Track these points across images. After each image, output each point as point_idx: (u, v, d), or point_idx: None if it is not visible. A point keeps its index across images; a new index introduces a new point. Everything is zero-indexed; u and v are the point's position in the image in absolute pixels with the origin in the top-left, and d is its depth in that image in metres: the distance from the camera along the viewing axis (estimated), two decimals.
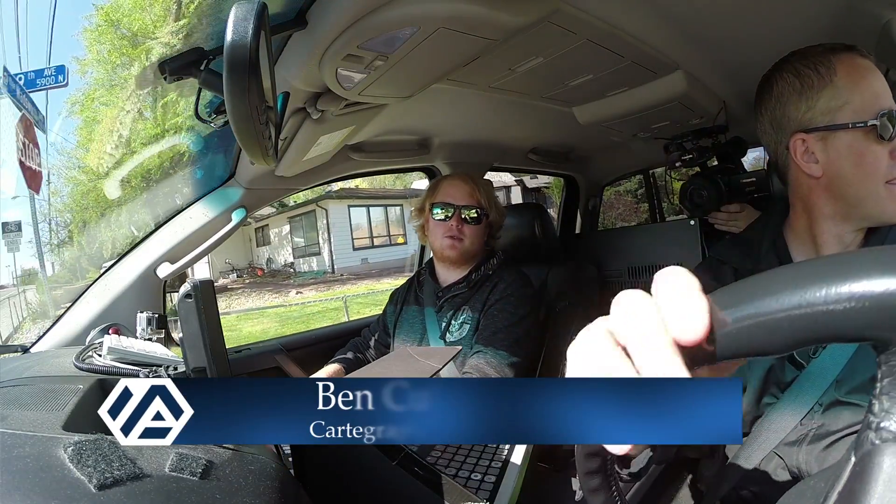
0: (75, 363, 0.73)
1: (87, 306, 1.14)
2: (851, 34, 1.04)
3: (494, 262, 1.39)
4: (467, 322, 1.30)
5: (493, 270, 1.37)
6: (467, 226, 1.35)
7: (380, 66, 0.87)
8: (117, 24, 0.90)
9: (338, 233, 13.85)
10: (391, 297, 1.54)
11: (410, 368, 0.83)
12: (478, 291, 1.34)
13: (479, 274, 1.36)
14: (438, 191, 1.39)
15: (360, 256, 14.06)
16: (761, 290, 0.27)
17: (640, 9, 0.98)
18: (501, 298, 1.29)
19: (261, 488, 0.42)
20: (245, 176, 1.24)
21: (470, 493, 0.62)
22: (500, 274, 1.35)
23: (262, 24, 0.52)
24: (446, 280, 1.40)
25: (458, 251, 1.35)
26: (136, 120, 1.17)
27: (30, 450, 0.38)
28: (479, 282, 1.35)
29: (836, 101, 0.73)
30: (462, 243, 1.35)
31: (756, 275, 0.28)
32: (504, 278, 1.33)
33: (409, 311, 1.42)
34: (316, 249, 14.16)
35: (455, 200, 1.36)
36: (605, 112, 1.49)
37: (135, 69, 0.91)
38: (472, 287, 1.35)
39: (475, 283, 1.35)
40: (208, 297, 0.55)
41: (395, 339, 1.42)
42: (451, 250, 1.35)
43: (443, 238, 1.36)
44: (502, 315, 1.26)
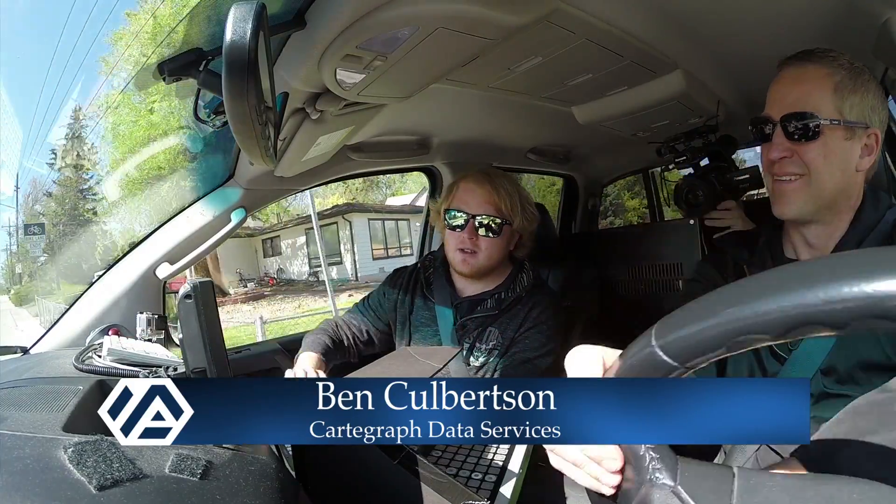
0: (75, 364, 0.73)
1: (87, 307, 1.14)
2: (850, 33, 1.04)
3: (525, 280, 1.24)
4: (497, 349, 1.18)
5: (525, 292, 1.22)
6: (482, 238, 1.17)
7: (379, 67, 0.87)
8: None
9: (360, 243, 15.03)
10: (386, 291, 1.34)
11: (411, 369, 0.83)
12: (508, 314, 1.20)
13: (510, 294, 1.21)
14: (455, 193, 1.22)
15: (378, 266, 15.06)
16: (699, 314, 0.30)
17: (639, 8, 0.99)
18: (534, 326, 1.17)
19: (261, 489, 0.42)
20: (244, 176, 1.24)
21: (470, 492, 0.62)
22: (534, 297, 1.21)
23: (260, 24, 0.52)
24: (465, 290, 1.26)
25: (472, 267, 1.19)
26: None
27: (30, 451, 0.38)
28: (511, 304, 1.20)
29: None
30: (476, 258, 1.18)
31: (697, 300, 0.31)
32: (538, 303, 1.19)
33: (420, 320, 1.27)
34: (338, 259, 15.20)
35: (469, 207, 1.18)
36: (605, 111, 1.49)
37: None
38: (502, 310, 1.20)
39: (506, 305, 1.20)
40: (208, 297, 0.55)
41: (412, 339, 1.27)
42: (462, 265, 1.19)
43: (454, 251, 1.20)
44: (533, 344, 1.16)
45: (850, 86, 0.76)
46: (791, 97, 0.77)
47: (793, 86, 0.78)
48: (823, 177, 0.76)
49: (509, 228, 1.20)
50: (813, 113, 0.75)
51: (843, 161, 0.76)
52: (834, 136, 0.76)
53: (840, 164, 0.76)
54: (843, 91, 0.75)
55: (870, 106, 0.77)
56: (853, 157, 0.77)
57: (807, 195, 0.77)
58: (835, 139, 0.76)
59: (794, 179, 0.78)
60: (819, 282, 0.25)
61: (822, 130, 0.75)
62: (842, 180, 0.77)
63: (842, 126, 0.75)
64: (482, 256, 1.18)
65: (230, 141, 1.13)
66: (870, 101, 0.77)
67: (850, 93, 0.76)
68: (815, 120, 0.75)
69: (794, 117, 0.76)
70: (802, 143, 0.76)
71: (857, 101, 0.76)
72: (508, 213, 1.19)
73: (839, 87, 0.75)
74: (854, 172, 0.78)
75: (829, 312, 0.25)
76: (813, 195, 0.77)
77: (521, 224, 1.21)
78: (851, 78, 0.76)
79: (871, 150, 0.78)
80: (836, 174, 0.77)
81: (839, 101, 0.75)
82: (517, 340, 1.18)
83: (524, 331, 1.18)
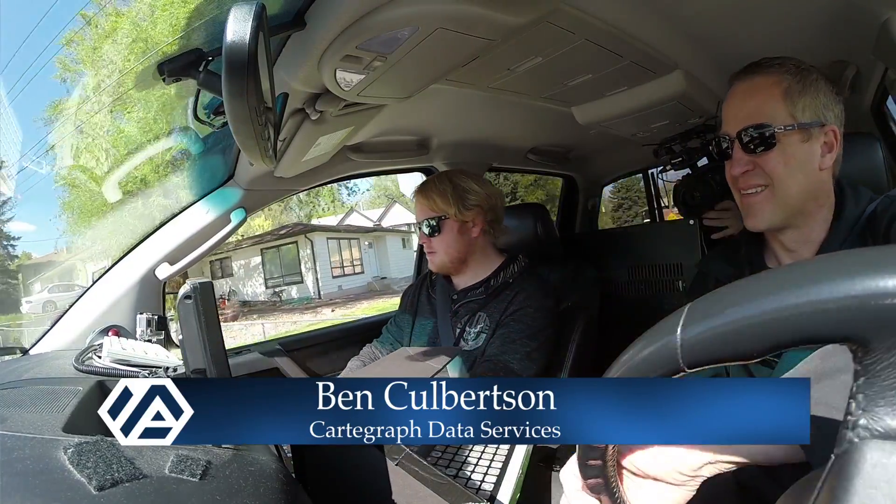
0: (75, 365, 0.73)
1: (87, 308, 1.14)
2: (850, 33, 1.04)
3: (515, 268, 1.33)
4: (484, 332, 1.27)
5: (513, 278, 1.32)
6: (432, 239, 1.32)
7: (378, 67, 0.87)
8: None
9: (320, 262, 15.52)
10: (402, 301, 1.50)
11: (411, 368, 0.83)
12: (496, 299, 1.29)
13: (497, 280, 1.32)
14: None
15: (337, 284, 15.86)
16: (736, 300, 0.27)
17: (639, 8, 0.99)
18: (520, 309, 1.25)
19: (261, 489, 0.42)
20: (244, 177, 1.24)
21: (470, 493, 0.62)
22: (521, 283, 1.30)
23: (260, 24, 0.52)
24: (460, 283, 1.37)
25: (436, 265, 1.34)
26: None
27: (30, 452, 0.38)
28: (498, 289, 1.30)
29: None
30: (436, 256, 1.33)
31: (729, 285, 0.29)
32: (525, 288, 1.28)
33: (422, 315, 1.40)
34: (298, 278, 15.61)
35: (417, 218, 1.35)
36: (605, 112, 1.49)
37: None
38: (490, 294, 1.30)
39: (494, 289, 1.30)
40: (207, 298, 0.55)
41: (414, 327, 1.40)
42: (431, 265, 1.36)
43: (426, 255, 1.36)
44: (518, 326, 1.23)
45: (799, 88, 0.77)
46: (744, 111, 0.79)
47: (744, 100, 0.80)
48: (787, 183, 0.77)
49: (448, 221, 1.30)
50: (766, 123, 0.76)
51: (803, 164, 0.77)
52: (790, 141, 0.76)
53: (801, 168, 0.77)
54: (792, 95, 0.76)
55: (822, 104, 0.77)
56: (814, 158, 0.77)
57: (774, 204, 0.78)
58: (792, 144, 0.76)
59: (759, 191, 0.79)
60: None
61: (777, 138, 0.76)
62: (807, 183, 0.78)
63: (796, 129, 0.76)
64: (441, 253, 1.31)
65: (230, 141, 1.13)
66: (821, 99, 0.77)
67: (800, 95, 0.76)
68: (769, 129, 0.76)
69: (749, 129, 0.77)
70: (761, 153, 0.77)
71: (808, 102, 0.77)
72: (442, 209, 1.29)
73: (788, 92, 0.76)
74: (818, 172, 0.78)
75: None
76: (780, 203, 0.78)
77: (460, 212, 1.29)
78: (799, 81, 0.77)
79: (832, 146, 0.78)
80: (799, 178, 0.77)
81: (790, 105, 0.76)
82: (503, 323, 1.24)
83: (510, 313, 1.25)
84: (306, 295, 15.24)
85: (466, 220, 1.30)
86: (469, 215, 1.30)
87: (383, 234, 17.91)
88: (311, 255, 15.24)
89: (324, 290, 15.27)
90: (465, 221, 1.30)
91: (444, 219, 1.30)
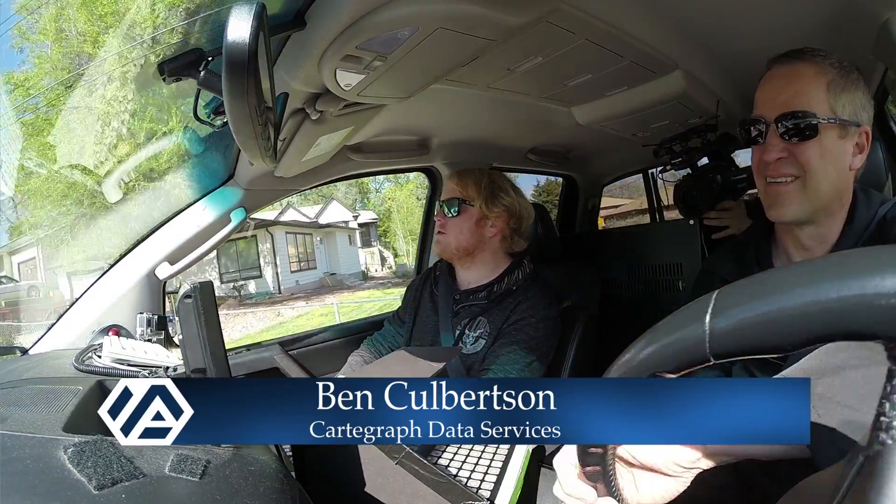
0: (75, 364, 0.73)
1: (87, 307, 1.14)
2: (850, 33, 1.04)
3: (519, 274, 1.32)
4: (483, 338, 1.25)
5: (517, 285, 1.30)
6: (449, 219, 1.33)
7: (379, 67, 0.87)
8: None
9: (280, 257, 15.43)
10: (406, 294, 1.51)
11: (411, 368, 0.83)
12: (499, 305, 1.28)
13: (501, 286, 1.30)
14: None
15: (294, 279, 15.81)
16: (771, 288, 0.26)
17: (639, 8, 0.98)
18: (521, 319, 1.23)
19: (261, 489, 0.42)
20: (244, 176, 1.24)
21: (470, 492, 0.62)
22: (525, 291, 1.28)
23: (260, 24, 0.52)
24: (464, 282, 1.36)
25: (442, 247, 1.35)
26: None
27: (30, 451, 0.38)
28: (502, 295, 1.29)
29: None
30: (445, 238, 1.33)
31: (764, 272, 0.28)
32: (529, 297, 1.26)
33: (424, 312, 1.40)
34: (256, 273, 15.43)
35: (443, 197, 1.38)
36: (605, 112, 1.49)
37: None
38: (493, 300, 1.29)
39: (497, 296, 1.29)
40: (207, 298, 0.55)
41: (415, 325, 1.40)
42: (436, 245, 1.37)
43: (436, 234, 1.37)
44: (519, 336, 1.21)
45: (842, 84, 0.75)
46: (784, 96, 0.76)
47: (785, 85, 0.77)
48: (819, 176, 0.75)
49: (471, 209, 1.32)
50: (809, 111, 0.74)
51: (837, 160, 0.75)
52: (830, 135, 0.74)
53: (835, 164, 0.75)
54: (835, 89, 0.75)
55: (860, 104, 0.76)
56: (846, 157, 0.76)
57: (803, 197, 0.76)
58: (830, 138, 0.74)
59: (789, 181, 0.76)
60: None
61: (818, 129, 0.74)
62: (837, 180, 0.76)
63: (837, 124, 0.74)
64: (451, 236, 1.32)
65: (230, 141, 1.13)
66: (860, 99, 0.76)
67: (842, 90, 0.75)
68: (811, 118, 0.74)
69: (789, 116, 0.75)
70: (798, 142, 0.75)
71: (849, 99, 0.75)
72: (471, 195, 1.32)
73: (832, 86, 0.75)
74: (847, 171, 0.77)
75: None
76: (809, 197, 0.76)
77: (486, 206, 1.32)
78: (842, 76, 0.76)
79: (862, 148, 0.77)
80: (831, 174, 0.75)
81: (832, 99, 0.74)
82: (504, 332, 1.24)
83: (511, 323, 1.24)
84: (265, 290, 15.12)
85: (489, 216, 1.32)
86: (493, 213, 1.32)
87: (333, 230, 17.80)
88: (271, 248, 15.14)
89: (284, 285, 15.22)
90: (486, 216, 1.32)
91: (469, 205, 1.32)
